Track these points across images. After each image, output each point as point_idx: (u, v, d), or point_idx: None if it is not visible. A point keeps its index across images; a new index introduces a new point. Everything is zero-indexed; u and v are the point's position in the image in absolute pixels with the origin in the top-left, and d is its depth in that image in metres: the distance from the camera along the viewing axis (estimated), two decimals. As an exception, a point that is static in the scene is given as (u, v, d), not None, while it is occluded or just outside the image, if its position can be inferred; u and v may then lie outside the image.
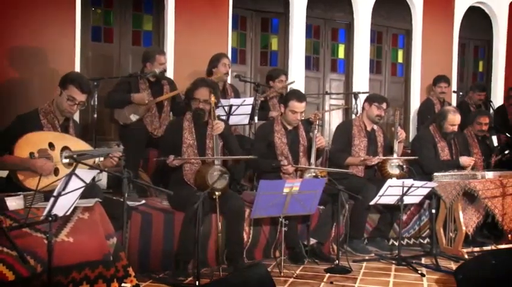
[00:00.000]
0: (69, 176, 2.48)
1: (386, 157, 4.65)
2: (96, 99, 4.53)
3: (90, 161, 3.33)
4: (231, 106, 4.79)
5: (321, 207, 4.26)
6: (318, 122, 4.52)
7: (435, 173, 4.62)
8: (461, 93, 7.08)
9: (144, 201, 4.17)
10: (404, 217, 4.74)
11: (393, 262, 4.15)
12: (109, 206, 3.23)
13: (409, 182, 4.06)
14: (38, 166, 3.05)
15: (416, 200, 4.35)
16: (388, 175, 4.53)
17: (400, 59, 7.59)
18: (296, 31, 6.56)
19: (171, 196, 3.90)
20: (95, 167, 3.27)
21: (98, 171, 3.11)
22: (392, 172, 4.57)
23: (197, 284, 3.28)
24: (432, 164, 4.88)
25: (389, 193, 4.09)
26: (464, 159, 4.93)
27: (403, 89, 7.54)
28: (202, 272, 3.58)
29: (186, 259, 3.69)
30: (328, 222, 4.29)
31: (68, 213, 2.71)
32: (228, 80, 5.45)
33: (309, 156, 4.35)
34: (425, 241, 4.89)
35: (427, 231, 4.89)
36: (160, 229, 3.75)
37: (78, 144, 3.38)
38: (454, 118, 4.97)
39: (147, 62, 4.77)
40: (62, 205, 2.56)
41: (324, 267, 3.94)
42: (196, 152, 3.92)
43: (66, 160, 3.24)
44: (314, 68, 7.01)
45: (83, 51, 5.39)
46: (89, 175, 2.67)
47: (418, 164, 4.85)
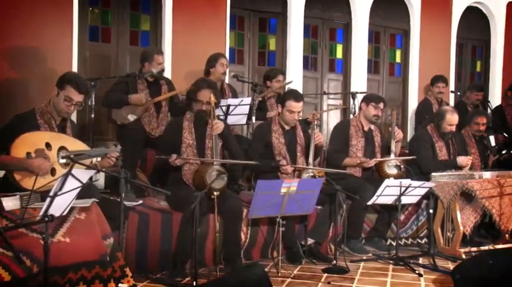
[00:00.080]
0: (65, 176, 2.47)
1: (383, 159, 4.65)
2: (93, 99, 4.53)
3: (87, 161, 3.32)
4: (229, 106, 4.79)
5: (319, 207, 4.26)
6: (316, 122, 4.52)
7: (433, 173, 4.63)
8: (458, 93, 7.09)
9: (142, 201, 4.16)
10: (402, 217, 4.74)
11: (391, 262, 4.15)
12: (106, 206, 3.23)
13: (407, 182, 4.06)
14: (35, 166, 3.04)
15: (413, 200, 4.35)
16: (386, 175, 4.53)
17: (398, 59, 7.59)
18: (294, 31, 6.56)
19: (169, 196, 3.90)
20: (92, 167, 3.26)
21: (95, 171, 3.11)
22: (389, 172, 4.57)
23: (194, 284, 3.27)
24: (430, 164, 4.88)
25: (386, 193, 4.09)
26: (461, 159, 4.93)
27: (401, 89, 7.55)
28: (199, 272, 3.58)
29: (184, 259, 3.68)
30: (325, 222, 4.28)
31: (65, 213, 2.70)
32: (226, 80, 5.45)
33: (307, 155, 4.36)
34: (423, 241, 4.90)
35: (425, 231, 4.89)
36: (157, 229, 3.75)
37: (75, 144, 3.37)
38: (452, 118, 4.97)
39: (145, 62, 4.76)
40: (59, 205, 2.55)
41: (322, 267, 3.94)
42: (195, 152, 3.92)
43: (63, 160, 3.23)
44: (312, 68, 7.01)
45: (81, 51, 5.38)
46: (86, 175, 2.66)
47: (416, 164, 4.85)
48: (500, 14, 7.91)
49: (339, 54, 7.20)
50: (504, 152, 5.58)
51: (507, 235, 4.69)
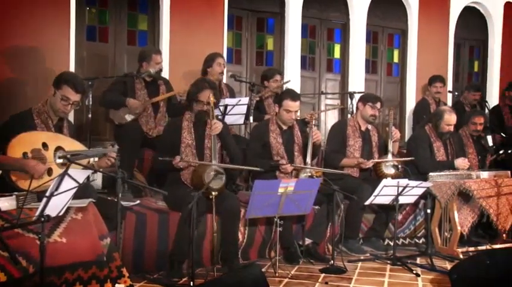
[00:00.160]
0: (61, 176, 2.46)
1: (380, 160, 4.65)
2: (90, 99, 4.51)
3: (84, 161, 3.31)
4: (226, 106, 4.79)
5: (316, 207, 4.26)
6: (314, 122, 4.52)
7: (430, 173, 4.63)
8: (456, 93, 7.09)
9: (139, 201, 4.15)
10: (399, 217, 4.74)
11: (388, 262, 4.14)
12: (103, 206, 3.22)
13: (404, 182, 4.06)
14: (31, 166, 3.03)
15: (411, 200, 4.35)
16: (383, 175, 4.53)
17: (396, 59, 7.59)
18: (292, 31, 6.55)
19: (167, 196, 3.89)
20: (89, 167, 3.25)
21: (91, 171, 3.10)
22: (387, 172, 4.57)
23: (191, 284, 3.27)
24: (427, 164, 4.88)
25: (384, 193, 4.09)
26: (459, 162, 4.89)
27: (399, 89, 7.54)
28: (197, 272, 3.58)
29: (181, 259, 3.68)
30: (323, 222, 4.28)
31: (61, 213, 2.70)
32: (224, 80, 5.44)
33: (305, 155, 4.35)
34: (420, 241, 4.90)
35: (423, 231, 4.89)
36: (154, 229, 3.74)
37: (72, 144, 3.36)
38: (450, 118, 4.97)
39: (143, 62, 4.75)
40: (55, 205, 2.55)
41: (319, 267, 3.94)
42: (194, 152, 3.92)
43: (59, 160, 3.23)
44: (310, 68, 7.00)
45: (78, 50, 5.36)
46: (82, 175, 2.65)
47: (414, 164, 4.85)
48: (497, 14, 7.92)
49: (337, 54, 7.20)
50: (501, 152, 5.59)
51: (504, 235, 4.71)
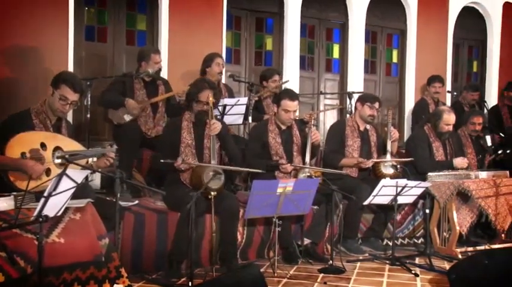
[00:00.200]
0: (59, 176, 2.45)
1: (380, 160, 4.65)
2: (89, 99, 4.50)
3: (82, 161, 3.31)
4: (225, 106, 4.79)
5: (315, 207, 4.26)
6: (313, 122, 4.52)
7: (429, 173, 4.63)
8: (455, 93, 7.09)
9: (137, 201, 4.15)
10: (398, 217, 4.74)
11: (387, 262, 4.14)
12: (101, 206, 3.21)
13: (403, 182, 4.07)
14: (29, 166, 3.02)
15: (410, 200, 4.35)
16: (382, 175, 4.53)
17: (395, 59, 7.59)
18: (291, 31, 6.55)
19: (167, 196, 3.90)
20: (88, 167, 3.25)
21: (90, 171, 3.09)
22: (386, 172, 4.57)
23: (190, 284, 3.26)
24: (426, 164, 4.88)
25: (383, 193, 4.09)
26: (458, 161, 4.90)
27: (398, 89, 7.54)
28: (195, 272, 3.57)
29: (180, 259, 3.67)
30: (322, 222, 4.28)
31: (59, 214, 2.69)
32: (222, 80, 5.44)
33: (304, 155, 4.35)
34: (419, 241, 4.90)
35: (421, 231, 4.89)
36: (153, 230, 3.74)
37: (70, 144, 3.36)
38: (449, 118, 4.97)
39: (142, 61, 4.75)
40: (53, 206, 2.54)
41: (318, 267, 3.94)
42: (194, 152, 3.92)
43: (58, 160, 3.22)
44: (309, 68, 7.00)
45: (76, 50, 5.35)
46: (80, 175, 2.64)
47: (413, 164, 4.85)
48: (496, 14, 7.92)
49: (336, 54, 7.19)
50: (500, 152, 5.59)
51: (503, 235, 4.71)
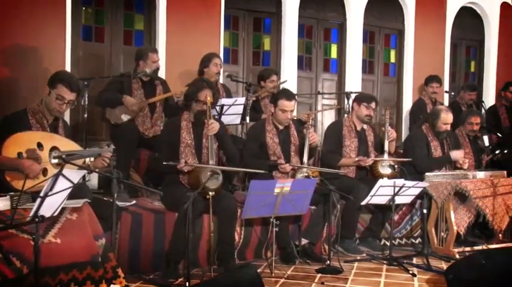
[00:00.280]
0: (56, 176, 2.45)
1: (379, 158, 4.64)
2: (86, 99, 4.50)
3: (79, 161, 3.30)
4: (223, 106, 4.78)
5: (313, 207, 4.25)
6: (311, 122, 4.51)
7: (427, 173, 4.63)
8: (452, 93, 7.10)
9: (135, 201, 4.14)
10: (396, 217, 4.74)
11: (384, 262, 4.14)
12: (98, 206, 3.21)
13: (401, 182, 4.06)
14: (26, 166, 3.01)
15: (407, 200, 4.35)
16: (380, 175, 4.52)
17: (393, 59, 7.60)
18: (288, 31, 6.55)
19: (164, 196, 3.89)
20: (84, 167, 3.24)
21: (86, 171, 3.08)
22: (383, 172, 4.56)
23: (187, 285, 3.25)
24: (425, 163, 4.87)
25: (380, 193, 4.09)
26: (455, 153, 4.92)
27: (396, 89, 7.55)
28: (193, 272, 3.57)
29: (177, 259, 3.67)
30: (319, 222, 4.27)
31: (56, 214, 2.68)
32: (220, 80, 5.43)
33: (302, 155, 4.35)
34: (417, 241, 4.89)
35: (419, 231, 4.89)
36: (150, 230, 3.73)
37: (67, 144, 3.35)
38: (447, 117, 4.98)
39: (140, 60, 4.74)
40: (49, 206, 2.53)
41: (315, 267, 3.93)
42: (193, 152, 3.91)
43: (55, 160, 3.21)
44: (306, 68, 7.00)
45: (74, 50, 5.35)
46: (77, 176, 2.63)
47: (411, 163, 4.85)
48: (494, 14, 7.93)
49: (334, 54, 7.20)
50: (498, 152, 5.59)
51: (500, 235, 4.71)
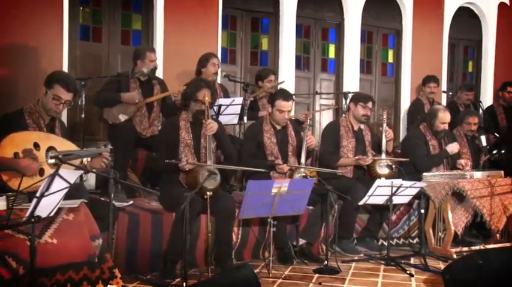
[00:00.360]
0: (52, 176, 2.44)
1: (378, 158, 4.64)
2: (83, 99, 4.49)
3: (76, 161, 3.29)
4: (220, 106, 4.78)
5: (310, 207, 4.25)
6: (309, 122, 4.51)
7: (424, 173, 4.63)
8: (450, 93, 7.10)
9: (132, 201, 4.13)
10: (393, 217, 4.74)
11: (382, 262, 4.14)
12: (95, 207, 3.20)
13: (398, 182, 4.06)
14: (23, 166, 3.00)
15: (405, 200, 4.35)
16: (377, 175, 4.52)
17: (391, 59, 7.59)
18: (286, 31, 6.54)
19: (162, 197, 3.89)
20: (81, 167, 3.23)
21: (83, 171, 3.07)
22: (381, 172, 4.56)
23: (184, 285, 3.25)
24: (425, 162, 4.88)
25: (378, 193, 4.09)
26: (450, 146, 4.93)
27: (393, 89, 7.55)
28: (190, 273, 3.57)
29: (174, 260, 3.66)
30: (317, 222, 4.27)
31: (52, 214, 2.67)
32: (218, 80, 5.42)
33: (299, 156, 4.34)
34: (414, 241, 4.90)
35: (417, 231, 4.89)
36: (147, 230, 3.72)
37: (64, 144, 3.34)
38: (445, 116, 4.99)
39: (138, 60, 4.73)
40: (46, 206, 2.52)
41: (313, 268, 3.93)
42: (192, 151, 3.90)
43: (51, 160, 3.20)
44: (304, 68, 7.00)
45: (71, 50, 5.33)
46: (73, 176, 2.62)
47: (411, 163, 4.85)
48: (491, 15, 7.93)
49: (332, 54, 7.19)
50: (495, 152, 5.60)
51: (498, 235, 4.72)
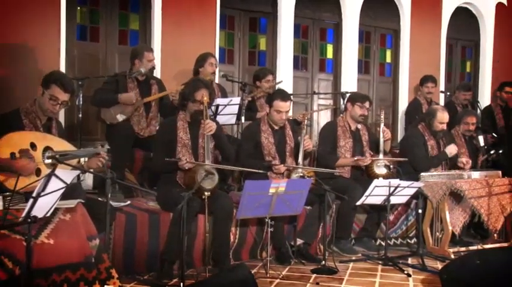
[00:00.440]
0: (48, 177, 2.43)
1: (376, 158, 4.64)
2: (81, 99, 4.48)
3: (74, 161, 3.28)
4: (218, 106, 4.77)
5: (308, 207, 4.25)
6: (307, 122, 4.50)
7: (422, 173, 4.63)
8: (448, 93, 7.11)
9: (129, 202, 4.13)
10: (391, 217, 4.74)
11: (380, 262, 4.14)
12: (93, 207, 3.19)
13: (396, 182, 4.06)
14: (19, 166, 2.98)
15: (403, 200, 4.35)
16: (375, 175, 4.52)
17: (388, 59, 7.60)
18: (284, 31, 6.54)
19: (159, 197, 3.88)
20: (78, 167, 3.22)
21: (80, 171, 3.06)
22: (378, 172, 4.56)
23: (182, 285, 3.24)
24: (424, 162, 4.88)
25: (375, 193, 4.09)
26: (449, 148, 4.93)
27: (391, 89, 7.55)
28: (188, 273, 3.56)
29: (172, 260, 3.65)
30: (314, 222, 4.27)
31: (49, 214, 2.66)
32: (216, 80, 5.42)
33: (296, 155, 4.34)
34: (412, 241, 4.89)
35: (414, 231, 4.89)
36: (145, 230, 3.71)
37: (60, 144, 3.32)
38: (443, 116, 4.99)
39: (136, 59, 4.72)
40: (42, 206, 2.51)
41: (311, 268, 3.93)
42: (190, 151, 3.90)
43: (48, 160, 3.19)
44: (302, 68, 7.00)
45: (68, 50, 5.32)
46: (69, 176, 2.61)
47: (410, 163, 4.85)
48: (489, 15, 7.94)
49: (330, 54, 7.19)
50: (493, 152, 5.60)
51: (495, 235, 4.72)
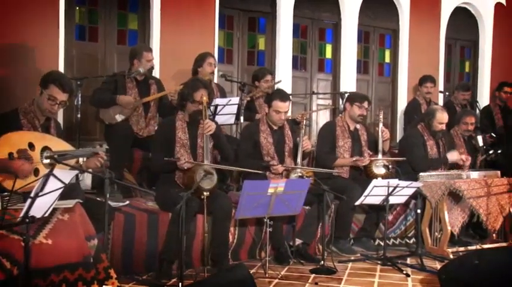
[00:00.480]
0: (46, 177, 2.42)
1: (375, 158, 4.64)
2: (79, 98, 4.48)
3: (72, 161, 3.28)
4: (217, 106, 4.77)
5: (307, 207, 4.25)
6: (305, 122, 4.50)
7: (421, 173, 4.63)
8: (447, 93, 7.11)
9: (128, 202, 4.12)
10: (390, 217, 4.74)
11: (378, 262, 4.14)
12: (91, 207, 3.19)
13: (394, 182, 4.06)
14: (15, 167, 2.97)
15: (401, 200, 4.35)
16: (374, 175, 4.52)
17: (387, 59, 7.60)
18: (283, 31, 6.54)
19: (158, 197, 3.87)
20: (76, 167, 3.21)
21: (78, 171, 3.06)
22: (377, 172, 4.56)
23: (180, 285, 3.24)
24: (423, 162, 4.88)
25: (374, 193, 4.08)
26: (451, 155, 4.93)
27: (390, 89, 7.55)
28: (187, 273, 3.56)
29: (171, 260, 3.65)
30: (313, 222, 4.27)
31: (47, 214, 2.65)
32: (214, 80, 5.42)
33: (295, 155, 4.34)
34: (411, 241, 4.89)
35: (413, 231, 4.89)
36: (143, 230, 3.71)
37: (59, 144, 3.32)
38: (442, 116, 4.99)
39: (135, 59, 4.72)
40: (40, 206, 2.50)
41: (309, 268, 3.93)
42: (188, 151, 3.90)
43: (46, 160, 3.18)
44: (301, 68, 7.00)
45: (67, 50, 5.32)
46: (68, 176, 2.61)
47: (409, 163, 4.85)
48: (488, 15, 7.95)
49: (328, 54, 7.19)
50: (491, 152, 5.60)
51: (494, 235, 4.72)
